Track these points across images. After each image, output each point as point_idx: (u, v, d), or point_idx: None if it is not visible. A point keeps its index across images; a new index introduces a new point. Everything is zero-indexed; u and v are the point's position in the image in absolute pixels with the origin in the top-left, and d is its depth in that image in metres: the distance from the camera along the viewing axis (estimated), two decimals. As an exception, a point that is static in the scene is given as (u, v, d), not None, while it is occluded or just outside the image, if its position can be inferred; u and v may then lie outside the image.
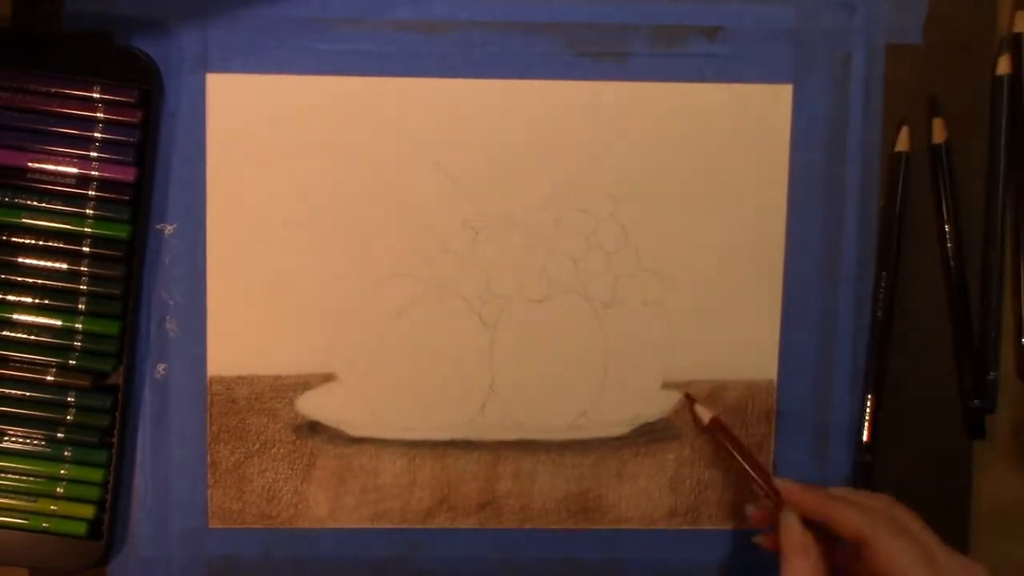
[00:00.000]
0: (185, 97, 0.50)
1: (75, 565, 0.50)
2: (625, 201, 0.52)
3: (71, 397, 0.50)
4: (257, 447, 0.52)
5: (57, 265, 0.50)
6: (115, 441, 0.50)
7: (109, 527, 0.50)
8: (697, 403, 0.52)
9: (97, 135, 0.49)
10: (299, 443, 0.52)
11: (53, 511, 0.50)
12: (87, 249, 0.50)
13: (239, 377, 0.51)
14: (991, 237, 0.52)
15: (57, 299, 0.50)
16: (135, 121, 0.49)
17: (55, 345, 0.50)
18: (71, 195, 0.49)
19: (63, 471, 0.50)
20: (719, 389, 0.52)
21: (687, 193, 0.52)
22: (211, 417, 0.51)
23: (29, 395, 0.50)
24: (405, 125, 0.51)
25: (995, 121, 0.52)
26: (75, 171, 0.49)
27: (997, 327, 0.52)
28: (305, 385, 0.51)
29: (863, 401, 0.52)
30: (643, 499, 0.53)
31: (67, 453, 0.50)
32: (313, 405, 0.51)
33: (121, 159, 0.49)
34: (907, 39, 0.52)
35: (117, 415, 0.50)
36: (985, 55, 0.52)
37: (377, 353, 0.51)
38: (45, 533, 0.50)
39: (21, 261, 0.50)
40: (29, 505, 0.50)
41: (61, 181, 0.49)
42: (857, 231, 0.52)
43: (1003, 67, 0.52)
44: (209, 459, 0.51)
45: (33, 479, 0.50)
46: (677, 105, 0.51)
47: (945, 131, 0.52)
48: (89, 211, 0.49)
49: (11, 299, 0.50)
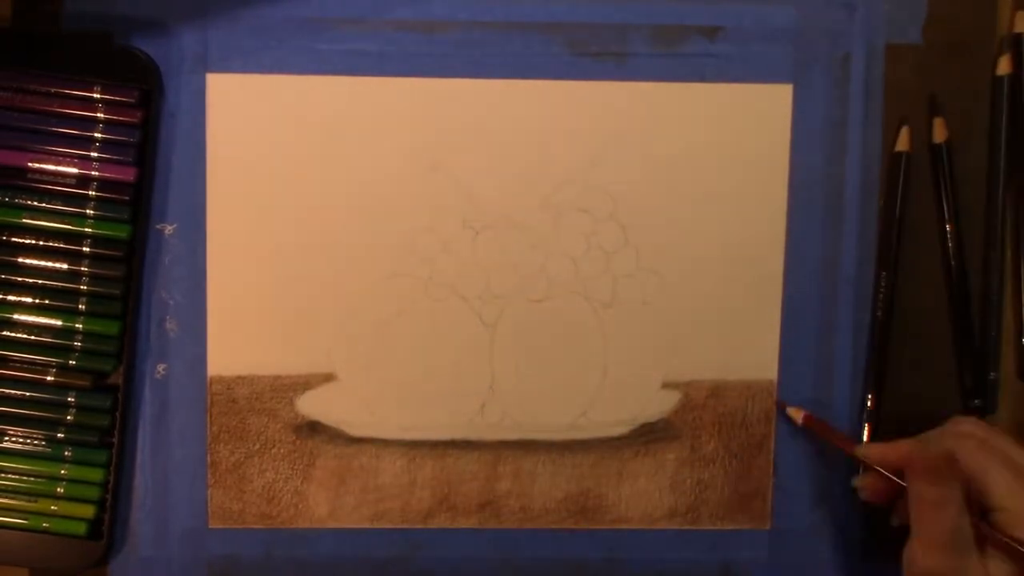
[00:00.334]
0: (185, 97, 0.50)
1: (75, 565, 0.50)
2: (625, 201, 0.52)
3: (71, 397, 0.50)
4: (257, 447, 0.52)
5: (57, 265, 0.50)
6: (115, 441, 0.50)
7: (109, 527, 0.50)
8: (788, 407, 0.52)
9: (97, 135, 0.49)
10: (299, 443, 0.52)
11: (53, 511, 0.50)
12: (87, 249, 0.50)
13: (239, 377, 0.51)
14: (991, 237, 0.52)
15: (57, 299, 0.50)
16: (135, 121, 0.49)
17: (55, 345, 0.50)
18: (71, 195, 0.49)
19: (63, 471, 0.50)
20: (719, 389, 0.52)
21: (687, 193, 0.52)
22: (211, 417, 0.51)
23: (29, 395, 0.50)
24: (405, 125, 0.51)
25: (995, 121, 0.52)
26: (75, 171, 0.49)
27: (997, 327, 0.52)
28: (305, 385, 0.51)
29: (863, 401, 0.52)
30: (643, 499, 0.53)
31: (67, 453, 0.50)
32: (313, 405, 0.51)
33: (121, 159, 0.49)
34: (907, 39, 0.52)
35: (117, 415, 0.50)
36: (985, 55, 0.52)
37: (377, 353, 0.51)
38: (45, 533, 0.50)
39: (21, 261, 0.50)
40: (29, 505, 0.50)
41: (61, 181, 0.49)
42: (857, 231, 0.52)
43: (1003, 67, 0.52)
44: (209, 459, 0.51)
45: (33, 479, 0.50)
46: (677, 105, 0.51)
47: (946, 131, 0.52)
48: (89, 211, 0.49)
49: (11, 299, 0.50)
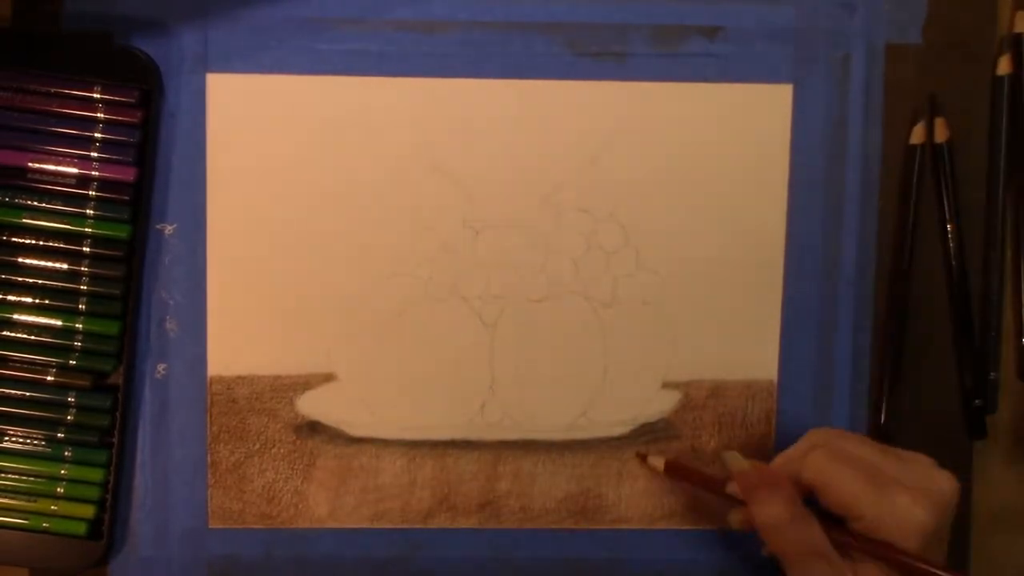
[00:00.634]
0: (185, 97, 0.50)
1: (75, 565, 0.50)
2: (625, 201, 0.52)
3: (71, 397, 0.50)
4: (257, 447, 0.52)
5: (57, 265, 0.50)
6: (115, 441, 0.50)
7: (109, 527, 0.50)
8: (649, 456, 0.51)
9: (97, 135, 0.49)
10: (299, 443, 0.52)
11: (53, 511, 0.50)
12: (87, 249, 0.50)
13: (239, 377, 0.51)
14: (991, 237, 0.52)
15: (57, 299, 0.50)
16: (135, 121, 0.49)
17: (55, 345, 0.50)
18: (71, 195, 0.49)
19: (63, 471, 0.50)
20: (719, 389, 0.52)
21: (687, 193, 0.52)
22: (211, 417, 0.51)
23: (29, 395, 0.50)
24: (405, 125, 0.51)
25: (995, 121, 0.52)
26: (75, 171, 0.49)
27: (998, 327, 0.52)
28: (305, 385, 0.51)
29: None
30: (643, 499, 0.52)
31: (67, 453, 0.50)
32: (313, 405, 0.51)
33: (121, 159, 0.49)
34: (907, 39, 0.52)
35: (117, 415, 0.50)
36: (985, 55, 0.52)
37: (377, 353, 0.51)
38: (45, 533, 0.50)
39: (21, 261, 0.50)
40: (29, 505, 0.50)
41: (61, 181, 0.49)
42: (857, 231, 0.52)
43: (1003, 67, 0.52)
44: (209, 459, 0.51)
45: (33, 479, 0.50)
46: (677, 105, 0.51)
47: (946, 131, 0.52)
48: (89, 211, 0.49)
49: (11, 299, 0.50)
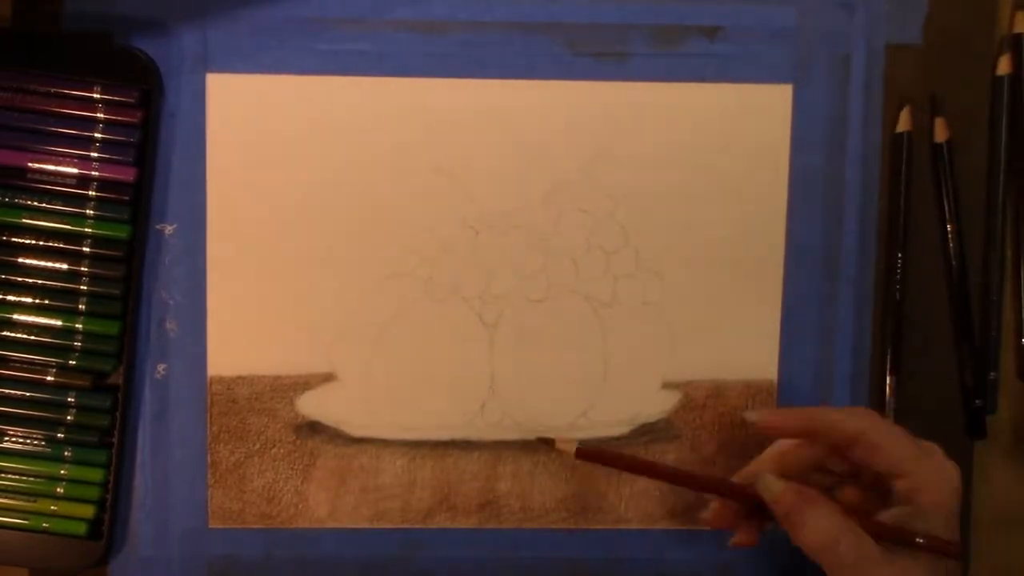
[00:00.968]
0: (185, 97, 0.50)
1: (75, 565, 0.50)
2: (625, 201, 0.52)
3: (71, 397, 0.50)
4: (257, 447, 0.52)
5: (57, 265, 0.50)
6: (115, 441, 0.50)
7: (109, 527, 0.50)
8: (557, 442, 0.49)
9: (97, 135, 0.49)
10: (299, 443, 0.52)
11: (53, 511, 0.50)
12: (87, 249, 0.50)
13: (239, 377, 0.51)
14: (991, 237, 0.52)
15: (57, 299, 0.50)
16: (135, 121, 0.49)
17: (55, 345, 0.50)
18: (71, 195, 0.49)
19: (63, 471, 0.50)
20: (719, 389, 0.52)
21: (687, 193, 0.52)
22: (211, 417, 0.51)
23: (29, 395, 0.50)
24: (405, 125, 0.51)
25: (995, 121, 0.52)
26: (75, 171, 0.49)
27: (998, 327, 0.52)
28: (305, 385, 0.51)
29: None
30: (643, 499, 0.52)
31: (67, 453, 0.50)
32: (313, 405, 0.51)
33: (121, 159, 0.49)
34: (907, 39, 0.52)
35: (117, 415, 0.50)
36: (985, 55, 0.52)
37: (377, 353, 0.51)
38: (45, 533, 0.50)
39: (21, 261, 0.50)
40: (29, 505, 0.50)
41: (61, 181, 0.49)
42: (857, 231, 0.52)
43: (1003, 67, 0.52)
44: (209, 459, 0.51)
45: (33, 479, 0.50)
46: (677, 105, 0.51)
47: (946, 131, 0.52)
48: (89, 211, 0.49)
49: (11, 299, 0.50)
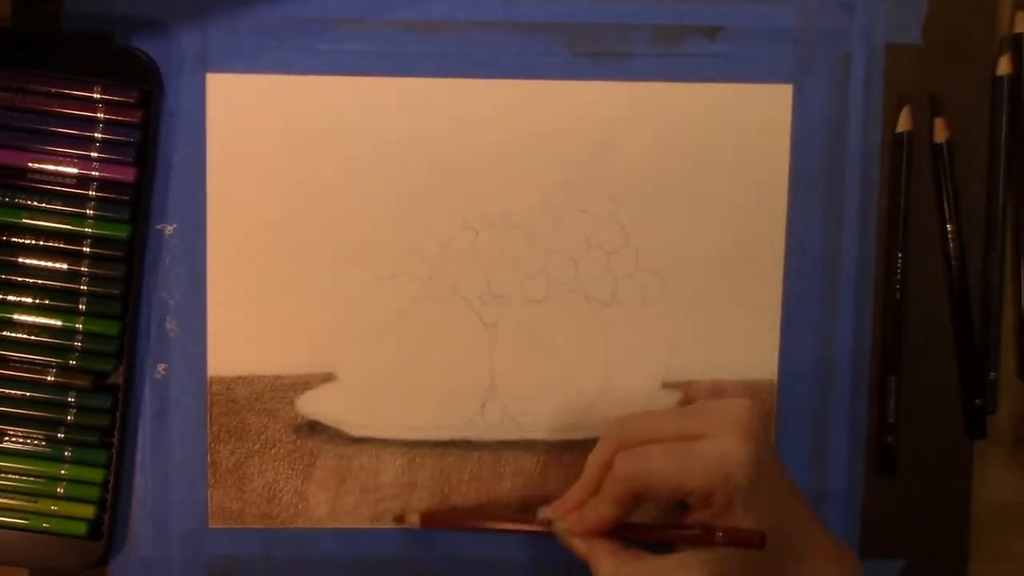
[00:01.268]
0: (185, 97, 0.50)
1: (75, 565, 0.50)
2: (625, 201, 0.52)
3: (71, 397, 0.50)
4: (257, 447, 0.52)
5: (57, 265, 0.50)
6: (115, 441, 0.50)
7: (109, 527, 0.50)
8: (405, 518, 0.51)
9: (97, 135, 0.49)
10: (299, 443, 0.52)
11: (53, 511, 0.50)
12: (87, 249, 0.50)
13: (239, 377, 0.51)
14: (991, 237, 0.52)
15: (57, 299, 0.50)
16: (135, 121, 0.49)
17: (55, 345, 0.50)
18: (71, 195, 0.49)
19: (63, 471, 0.50)
20: (719, 389, 0.52)
21: (687, 193, 0.52)
22: (211, 417, 0.51)
23: (29, 395, 0.50)
24: (405, 125, 0.51)
25: (995, 121, 0.52)
26: (75, 171, 0.49)
27: (998, 327, 0.52)
28: (305, 385, 0.51)
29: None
30: (643, 499, 0.52)
31: (67, 453, 0.50)
32: (313, 405, 0.51)
33: (121, 159, 0.49)
34: (907, 39, 0.52)
35: (117, 415, 0.50)
36: (985, 55, 0.52)
37: (377, 353, 0.51)
38: (45, 533, 0.50)
39: (21, 261, 0.50)
40: (29, 505, 0.50)
41: (61, 181, 0.49)
42: (857, 231, 0.52)
43: (1003, 67, 0.52)
44: (209, 459, 0.51)
45: (33, 479, 0.50)
46: (677, 105, 0.51)
47: (946, 131, 0.52)
48: (89, 211, 0.49)
49: (11, 299, 0.50)
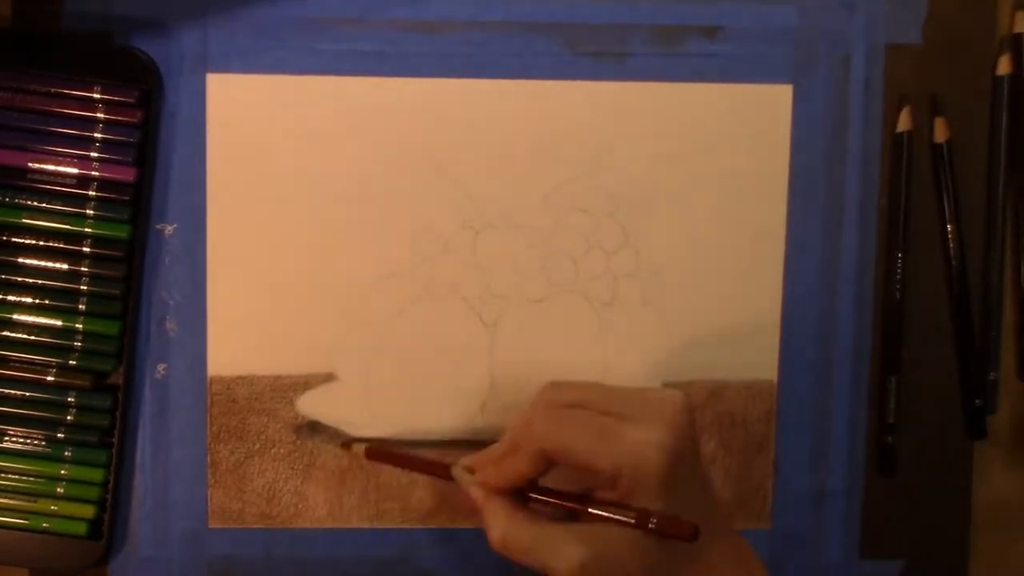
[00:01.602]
0: (185, 97, 0.50)
1: (75, 565, 0.50)
2: (625, 201, 0.52)
3: (71, 397, 0.50)
4: (257, 447, 0.51)
5: (57, 265, 0.50)
6: (115, 441, 0.50)
7: (109, 527, 0.50)
8: (352, 446, 0.50)
9: (97, 135, 0.49)
10: (299, 443, 0.52)
11: (53, 511, 0.50)
12: (87, 249, 0.50)
13: (239, 377, 0.51)
14: (991, 237, 0.52)
15: (57, 299, 0.50)
16: (135, 121, 0.49)
17: (55, 345, 0.50)
18: (71, 195, 0.49)
19: (63, 471, 0.50)
20: (719, 389, 0.52)
21: (687, 193, 0.52)
22: (211, 417, 0.51)
23: (29, 395, 0.50)
24: (405, 125, 0.51)
25: (995, 121, 0.52)
26: (75, 171, 0.49)
27: (998, 327, 0.52)
28: (305, 385, 0.51)
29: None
30: (643, 499, 0.52)
31: (67, 453, 0.50)
32: (313, 405, 0.51)
33: (121, 159, 0.49)
34: (907, 39, 0.52)
35: (117, 415, 0.50)
36: (985, 55, 0.52)
37: (377, 353, 0.51)
38: (45, 533, 0.50)
39: (21, 261, 0.50)
40: (29, 505, 0.50)
41: (61, 181, 0.49)
42: (857, 231, 0.52)
43: (1003, 67, 0.52)
44: (209, 459, 0.51)
45: (33, 479, 0.50)
46: (677, 105, 0.51)
47: (946, 131, 0.51)
48: (89, 211, 0.49)
49: (11, 299, 0.50)
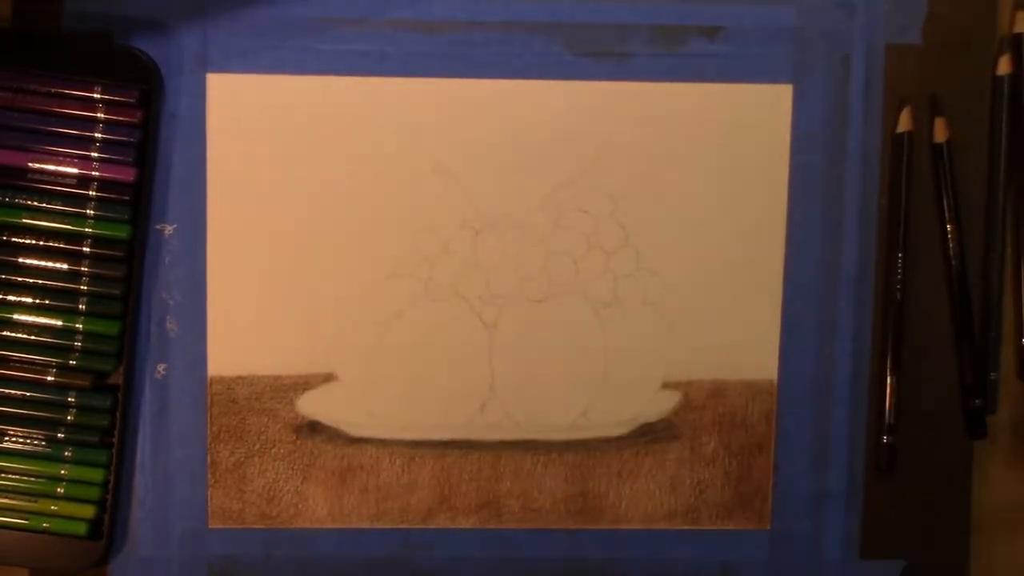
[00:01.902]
0: (185, 97, 0.50)
1: (75, 565, 0.50)
2: (625, 201, 0.52)
3: (71, 397, 0.50)
4: (257, 447, 0.52)
5: (57, 265, 0.50)
6: (115, 441, 0.50)
7: (109, 527, 0.50)
8: None
9: (97, 135, 0.49)
10: (299, 443, 0.52)
11: (53, 511, 0.50)
12: (87, 249, 0.50)
13: (239, 377, 0.51)
14: (991, 237, 0.52)
15: (57, 299, 0.50)
16: (135, 121, 0.49)
17: (55, 345, 0.50)
18: (71, 195, 0.49)
19: (63, 471, 0.50)
20: (719, 389, 0.52)
21: (687, 193, 0.52)
22: (211, 417, 0.51)
23: (29, 395, 0.50)
24: (405, 125, 0.51)
25: (995, 121, 0.52)
26: (75, 171, 0.49)
27: (998, 327, 0.52)
28: (305, 385, 0.51)
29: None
30: (643, 499, 0.52)
31: (67, 453, 0.50)
32: (313, 405, 0.51)
33: (121, 159, 0.49)
34: (907, 39, 0.52)
35: (117, 415, 0.50)
36: (985, 55, 0.52)
37: (377, 353, 0.51)
38: (45, 533, 0.50)
39: (21, 261, 0.50)
40: (29, 505, 0.50)
41: (61, 181, 0.49)
42: (857, 231, 0.52)
43: (1003, 67, 0.52)
44: (209, 459, 0.51)
45: (33, 479, 0.50)
46: (677, 105, 0.51)
47: (946, 131, 0.52)
48: (89, 211, 0.49)
49: (11, 299, 0.50)
